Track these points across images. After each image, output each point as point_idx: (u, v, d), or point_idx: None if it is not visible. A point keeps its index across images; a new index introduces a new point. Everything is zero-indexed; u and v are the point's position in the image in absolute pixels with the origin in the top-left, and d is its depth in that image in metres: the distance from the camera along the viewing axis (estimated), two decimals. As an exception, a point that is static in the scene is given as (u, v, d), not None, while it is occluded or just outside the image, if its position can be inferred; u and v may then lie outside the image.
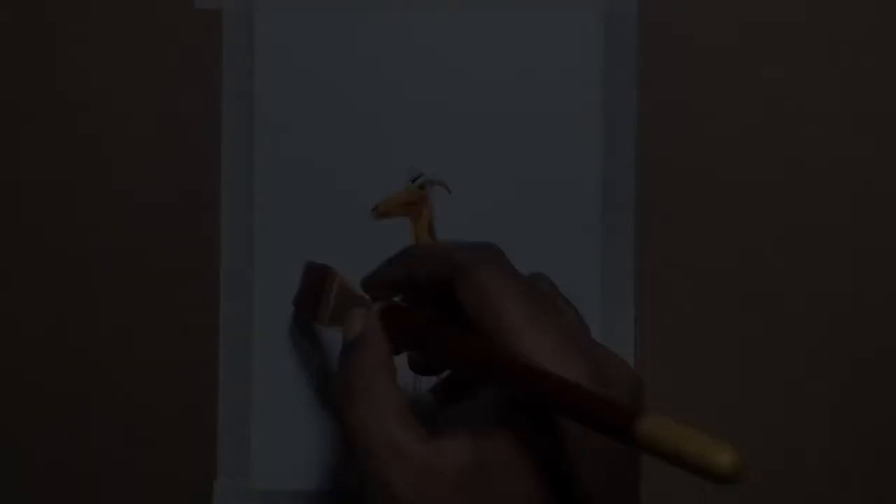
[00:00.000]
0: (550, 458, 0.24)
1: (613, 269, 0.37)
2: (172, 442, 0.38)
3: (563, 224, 0.37)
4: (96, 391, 0.38)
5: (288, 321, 0.37)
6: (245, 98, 0.38)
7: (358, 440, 0.25)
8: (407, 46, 0.38)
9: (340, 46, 0.38)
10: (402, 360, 0.30)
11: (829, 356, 0.38)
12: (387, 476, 0.24)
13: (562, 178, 0.38)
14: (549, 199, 0.38)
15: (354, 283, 0.33)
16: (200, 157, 0.38)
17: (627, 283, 0.37)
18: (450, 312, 0.27)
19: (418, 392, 0.34)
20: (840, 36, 0.38)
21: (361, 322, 0.29)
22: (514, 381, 0.23)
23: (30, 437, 0.38)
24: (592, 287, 0.37)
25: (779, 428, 0.37)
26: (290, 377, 0.37)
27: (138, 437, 0.38)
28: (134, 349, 0.38)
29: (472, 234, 0.37)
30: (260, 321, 0.37)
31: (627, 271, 0.37)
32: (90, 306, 0.38)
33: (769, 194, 0.38)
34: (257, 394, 0.37)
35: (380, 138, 0.38)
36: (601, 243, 0.37)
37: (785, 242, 0.38)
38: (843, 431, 0.38)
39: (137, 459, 0.38)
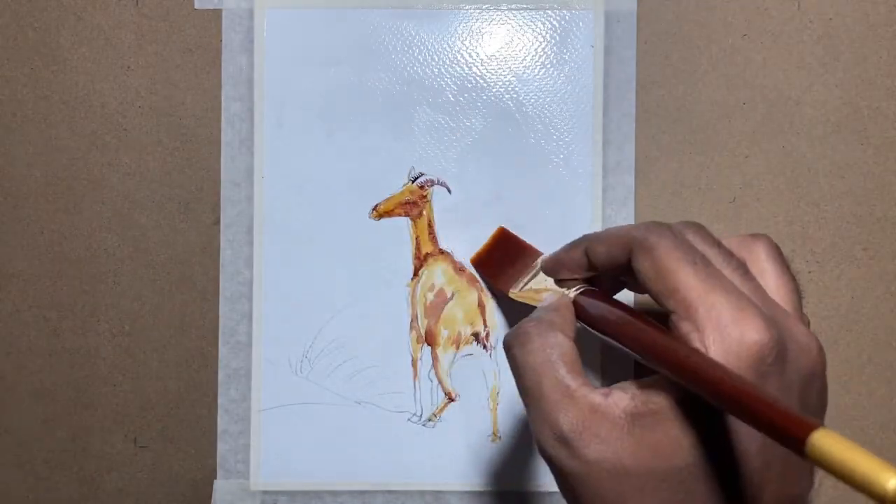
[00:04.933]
0: (716, 427, 0.24)
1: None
2: (172, 442, 0.38)
3: (562, 224, 0.37)
4: (96, 391, 0.38)
5: (286, 318, 0.37)
6: (245, 98, 0.38)
7: (528, 379, 0.26)
8: (407, 45, 0.38)
9: (340, 45, 0.38)
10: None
11: (829, 357, 0.38)
12: (555, 415, 0.25)
13: (561, 178, 0.38)
14: (549, 199, 0.38)
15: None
16: (200, 156, 0.38)
17: (627, 283, 0.37)
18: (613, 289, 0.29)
19: None
20: (836, 30, 0.38)
21: (555, 297, 0.31)
22: (689, 380, 0.23)
23: (30, 436, 0.38)
24: (592, 287, 0.37)
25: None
26: (290, 377, 0.37)
27: (138, 436, 0.38)
28: (134, 349, 0.38)
29: (472, 234, 0.37)
30: (260, 321, 0.37)
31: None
32: (90, 306, 0.38)
33: (768, 194, 0.38)
34: (257, 394, 0.37)
35: (380, 138, 0.38)
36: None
37: (784, 243, 0.38)
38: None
39: (137, 459, 0.38)
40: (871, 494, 0.17)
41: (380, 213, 0.38)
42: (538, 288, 0.33)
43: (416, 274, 0.38)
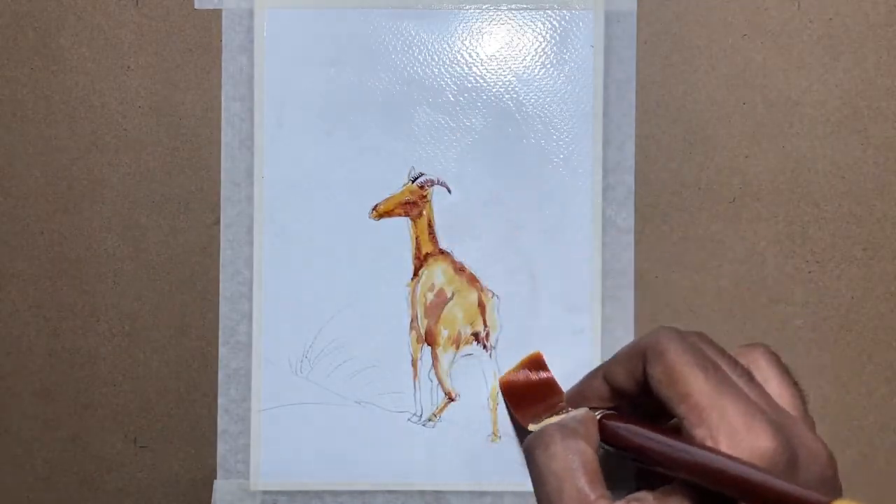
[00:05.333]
0: None
1: (613, 268, 0.37)
2: (172, 442, 0.38)
3: (562, 224, 0.37)
4: (96, 391, 0.38)
5: (286, 318, 0.37)
6: (245, 98, 0.38)
7: (548, 484, 0.27)
8: (407, 45, 0.38)
9: (340, 45, 0.38)
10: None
11: (829, 357, 0.38)
12: None
13: (561, 178, 0.38)
14: (549, 199, 0.38)
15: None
16: (200, 156, 0.38)
17: (627, 283, 0.37)
18: (650, 414, 0.29)
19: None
20: (836, 30, 0.38)
21: (579, 412, 0.31)
22: (715, 480, 0.24)
23: (30, 436, 0.38)
24: (592, 287, 0.37)
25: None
26: (290, 377, 0.37)
27: (138, 436, 0.38)
28: (134, 349, 0.38)
29: (472, 235, 0.37)
30: (260, 321, 0.37)
31: (627, 271, 0.37)
32: (90, 306, 0.38)
33: (768, 194, 0.38)
34: (257, 394, 0.37)
35: (380, 138, 0.38)
36: (601, 243, 0.37)
37: (784, 243, 0.38)
38: (837, 432, 0.38)
39: (137, 459, 0.38)
40: None
41: (380, 213, 0.38)
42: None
43: (416, 274, 0.38)
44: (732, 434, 0.24)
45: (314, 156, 0.38)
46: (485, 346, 0.38)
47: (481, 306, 0.38)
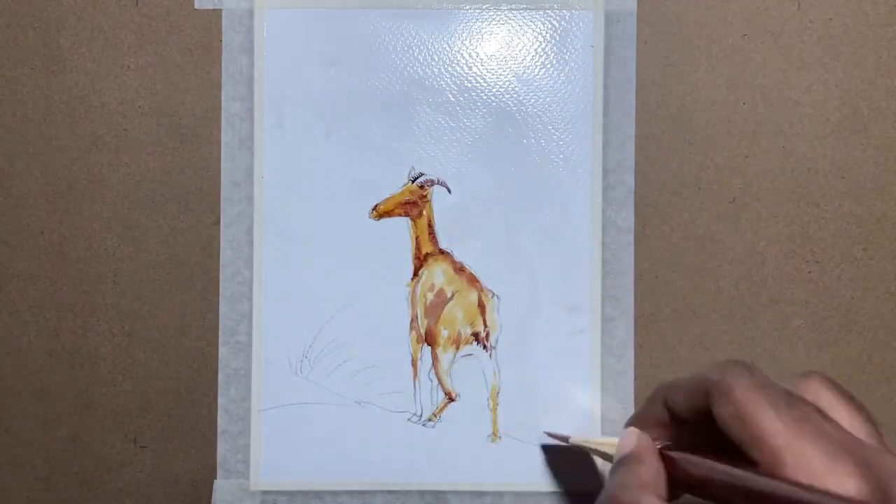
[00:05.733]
0: None
1: (613, 268, 0.37)
2: (172, 442, 0.38)
3: (563, 224, 0.37)
4: (96, 391, 0.38)
5: (286, 318, 0.37)
6: (245, 98, 0.38)
7: None
8: (407, 45, 0.38)
9: (340, 45, 0.38)
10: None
11: (829, 357, 0.38)
12: None
13: (561, 178, 0.38)
14: (549, 199, 0.38)
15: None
16: (200, 156, 0.38)
17: (627, 283, 0.37)
18: (709, 444, 0.26)
19: None
20: (836, 30, 0.38)
21: (635, 438, 0.28)
22: None
23: (30, 436, 0.38)
24: (592, 287, 0.37)
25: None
26: (290, 377, 0.37)
27: (138, 437, 0.38)
28: (134, 349, 0.38)
29: (472, 235, 0.37)
30: (260, 321, 0.37)
31: (627, 271, 0.37)
32: (90, 306, 0.38)
33: (768, 194, 0.38)
34: (257, 394, 0.37)
35: (380, 138, 0.38)
36: (601, 243, 0.37)
37: (784, 243, 0.38)
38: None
39: (137, 459, 0.38)
40: None
41: (380, 213, 0.38)
42: (603, 440, 0.32)
43: (416, 274, 0.38)
44: (813, 477, 0.22)
45: (314, 156, 0.38)
46: (485, 346, 0.38)
47: (481, 306, 0.38)
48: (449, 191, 0.38)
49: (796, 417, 0.24)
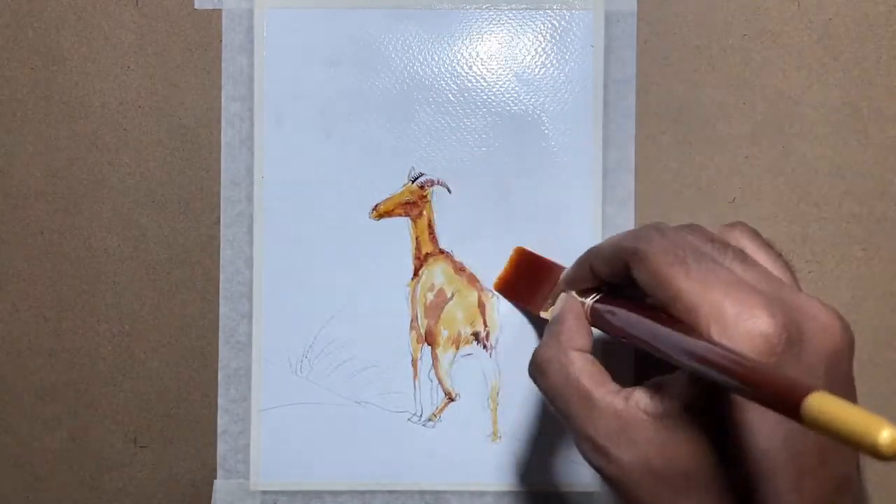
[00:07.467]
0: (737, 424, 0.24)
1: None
2: (172, 442, 0.38)
3: (563, 224, 0.37)
4: (96, 391, 0.38)
5: (286, 318, 0.37)
6: (245, 98, 0.38)
7: (557, 402, 0.28)
8: (407, 45, 0.38)
9: (340, 45, 0.38)
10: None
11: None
12: (586, 428, 0.26)
13: (561, 178, 0.38)
14: (549, 199, 0.38)
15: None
16: (200, 156, 0.38)
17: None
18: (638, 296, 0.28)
19: None
20: (836, 30, 0.38)
21: (562, 303, 0.31)
22: (698, 367, 0.23)
23: (30, 436, 0.38)
24: (592, 287, 0.37)
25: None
26: (290, 377, 0.37)
27: (138, 436, 0.38)
28: (134, 349, 0.38)
29: (472, 234, 0.37)
30: (260, 321, 0.37)
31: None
32: (90, 306, 0.38)
33: (768, 194, 0.38)
34: (257, 394, 0.37)
35: (380, 138, 0.38)
36: (601, 241, 0.37)
37: (784, 243, 0.38)
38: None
39: (137, 459, 0.38)
40: (865, 449, 0.17)
41: (380, 213, 0.38)
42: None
43: (416, 274, 0.38)
44: (725, 325, 0.23)
45: (314, 156, 0.38)
46: (485, 346, 0.38)
47: (481, 306, 0.38)
48: (449, 191, 0.38)
49: (708, 270, 0.24)
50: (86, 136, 0.38)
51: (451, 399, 0.38)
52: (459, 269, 0.38)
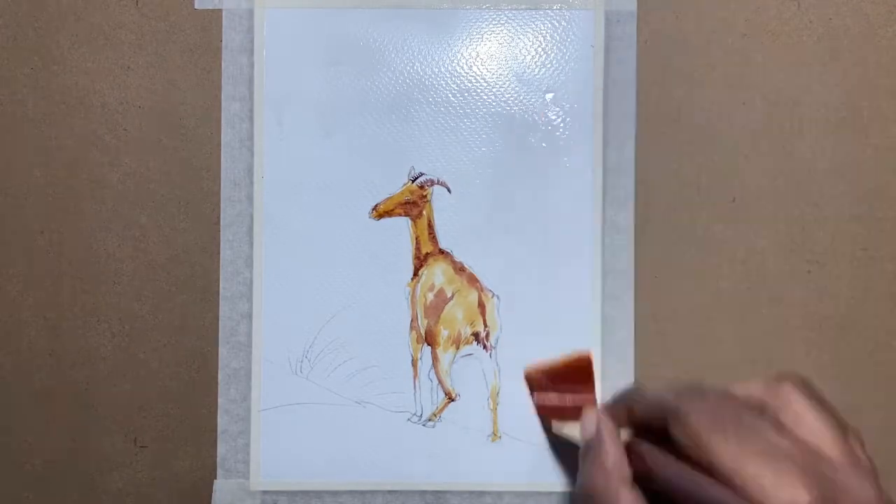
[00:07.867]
0: None
1: (613, 268, 0.37)
2: (172, 442, 0.38)
3: (563, 224, 0.37)
4: (96, 391, 0.38)
5: (286, 318, 0.37)
6: (245, 98, 0.38)
7: (596, 490, 0.29)
8: (407, 45, 0.38)
9: (340, 45, 0.38)
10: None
11: (829, 357, 0.38)
12: None
13: (561, 178, 0.38)
14: (549, 199, 0.38)
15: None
16: (200, 156, 0.38)
17: (627, 283, 0.37)
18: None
19: None
20: (836, 30, 0.38)
21: (593, 424, 0.32)
22: None
23: (30, 436, 0.38)
24: (592, 287, 0.37)
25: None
26: (290, 377, 0.37)
27: (138, 437, 0.38)
28: (134, 349, 0.38)
29: (472, 234, 0.37)
30: (260, 321, 0.37)
31: (627, 271, 0.37)
32: (90, 306, 0.38)
33: (768, 194, 0.38)
34: (257, 394, 0.37)
35: (380, 138, 0.38)
36: (601, 243, 0.37)
37: (784, 243, 0.38)
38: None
39: (137, 459, 0.38)
40: None
41: (380, 213, 0.38)
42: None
43: (416, 274, 0.38)
44: (764, 496, 0.24)
45: (314, 156, 0.38)
46: (485, 346, 0.38)
47: (481, 306, 0.38)
48: (449, 191, 0.38)
49: (746, 438, 0.26)
50: (86, 136, 0.38)
51: (451, 399, 0.38)
52: (459, 269, 0.38)
